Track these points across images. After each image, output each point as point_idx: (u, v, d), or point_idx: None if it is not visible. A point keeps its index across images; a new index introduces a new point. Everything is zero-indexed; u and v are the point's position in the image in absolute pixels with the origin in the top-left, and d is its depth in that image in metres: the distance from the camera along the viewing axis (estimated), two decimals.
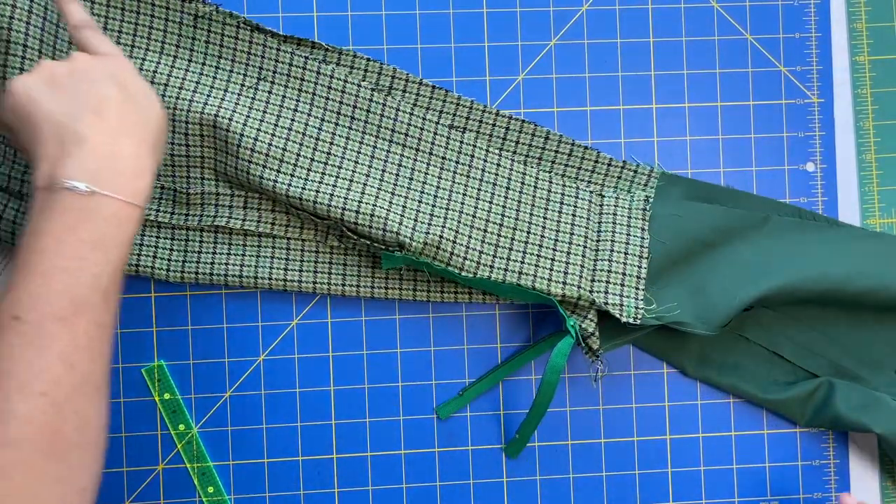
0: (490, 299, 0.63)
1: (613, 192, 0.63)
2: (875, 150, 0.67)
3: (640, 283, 0.60)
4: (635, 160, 0.65)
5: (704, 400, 0.65)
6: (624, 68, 0.65)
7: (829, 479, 0.66)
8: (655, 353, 0.64)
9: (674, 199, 0.63)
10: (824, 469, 0.66)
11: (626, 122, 0.65)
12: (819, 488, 0.65)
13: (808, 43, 0.66)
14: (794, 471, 0.66)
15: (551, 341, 0.62)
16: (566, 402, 0.64)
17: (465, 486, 0.64)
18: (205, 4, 0.61)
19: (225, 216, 0.62)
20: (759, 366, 0.65)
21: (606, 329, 0.61)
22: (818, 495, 0.66)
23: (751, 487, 0.65)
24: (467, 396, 0.63)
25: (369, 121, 0.62)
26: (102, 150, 0.45)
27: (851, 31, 0.66)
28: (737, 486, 0.65)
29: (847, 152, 0.67)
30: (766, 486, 0.65)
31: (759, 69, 0.66)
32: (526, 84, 0.65)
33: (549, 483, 0.64)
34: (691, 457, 0.65)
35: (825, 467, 0.66)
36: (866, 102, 0.67)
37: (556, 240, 0.61)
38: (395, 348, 0.64)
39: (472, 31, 0.65)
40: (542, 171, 0.63)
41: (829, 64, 0.66)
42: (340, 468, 0.64)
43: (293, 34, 0.62)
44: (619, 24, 0.65)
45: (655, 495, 0.64)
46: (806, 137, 0.66)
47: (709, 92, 0.66)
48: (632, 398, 0.65)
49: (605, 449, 0.64)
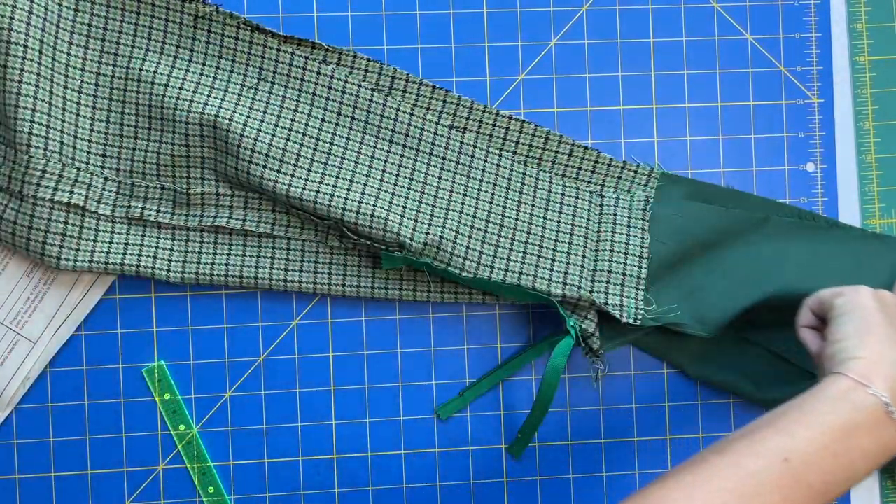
0: (490, 299, 0.63)
1: (613, 193, 0.63)
2: (875, 150, 0.67)
3: (640, 283, 0.60)
4: (635, 160, 0.65)
5: (704, 400, 0.65)
6: (624, 68, 0.65)
7: None
8: (655, 353, 0.64)
9: (674, 199, 0.63)
10: None
11: (626, 122, 0.65)
12: None
13: (808, 43, 0.66)
14: None
15: (551, 341, 0.62)
16: (566, 402, 0.64)
17: (465, 486, 0.64)
18: (205, 5, 0.61)
19: (225, 216, 0.62)
20: (759, 366, 0.65)
21: (606, 329, 0.61)
22: None
23: None
24: (467, 397, 0.63)
25: (369, 121, 0.62)
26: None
27: (851, 31, 0.66)
28: None
29: (847, 152, 0.67)
30: None
31: (759, 69, 0.66)
32: (526, 84, 0.65)
33: (549, 483, 0.64)
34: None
35: None
36: (866, 102, 0.67)
37: (556, 240, 0.61)
38: (395, 348, 0.64)
39: (472, 31, 0.65)
40: (543, 171, 0.63)
41: (830, 64, 0.66)
42: (340, 468, 0.64)
43: (293, 34, 0.62)
44: (619, 24, 0.65)
45: None
46: (806, 137, 0.66)
47: (709, 92, 0.66)
48: (632, 398, 0.65)
49: (605, 449, 0.64)
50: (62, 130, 0.60)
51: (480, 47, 0.65)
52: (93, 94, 0.61)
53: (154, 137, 0.61)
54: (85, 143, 0.61)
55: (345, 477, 0.64)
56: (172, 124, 0.60)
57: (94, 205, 0.60)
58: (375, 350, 0.64)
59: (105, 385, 0.63)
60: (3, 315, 0.62)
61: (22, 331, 0.62)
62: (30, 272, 0.62)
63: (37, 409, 0.63)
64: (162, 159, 0.61)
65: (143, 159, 0.61)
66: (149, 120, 0.61)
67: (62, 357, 0.63)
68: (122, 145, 0.61)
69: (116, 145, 0.61)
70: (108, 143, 0.61)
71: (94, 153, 0.61)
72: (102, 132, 0.61)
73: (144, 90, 0.60)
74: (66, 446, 0.63)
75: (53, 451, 0.63)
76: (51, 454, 0.63)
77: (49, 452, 0.63)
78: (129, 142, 0.61)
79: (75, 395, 0.63)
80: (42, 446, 0.63)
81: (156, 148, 0.61)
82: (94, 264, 0.61)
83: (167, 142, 0.61)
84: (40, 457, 0.63)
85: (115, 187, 0.61)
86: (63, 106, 0.60)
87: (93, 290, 0.63)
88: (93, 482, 0.63)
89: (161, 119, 0.60)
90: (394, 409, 0.64)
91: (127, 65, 0.61)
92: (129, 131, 0.61)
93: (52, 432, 0.63)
